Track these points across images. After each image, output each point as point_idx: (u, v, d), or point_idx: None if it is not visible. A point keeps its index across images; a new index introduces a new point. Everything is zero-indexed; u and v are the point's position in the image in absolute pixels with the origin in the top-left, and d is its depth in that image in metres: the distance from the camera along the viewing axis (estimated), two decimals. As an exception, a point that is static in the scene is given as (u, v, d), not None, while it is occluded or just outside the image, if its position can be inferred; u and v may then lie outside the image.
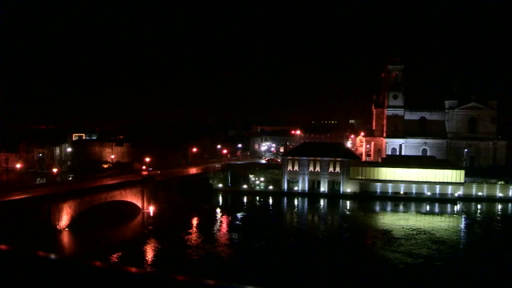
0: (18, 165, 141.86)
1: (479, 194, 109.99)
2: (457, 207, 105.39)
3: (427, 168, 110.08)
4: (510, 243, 76.55)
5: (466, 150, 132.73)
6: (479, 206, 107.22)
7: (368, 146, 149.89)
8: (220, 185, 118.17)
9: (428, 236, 77.10)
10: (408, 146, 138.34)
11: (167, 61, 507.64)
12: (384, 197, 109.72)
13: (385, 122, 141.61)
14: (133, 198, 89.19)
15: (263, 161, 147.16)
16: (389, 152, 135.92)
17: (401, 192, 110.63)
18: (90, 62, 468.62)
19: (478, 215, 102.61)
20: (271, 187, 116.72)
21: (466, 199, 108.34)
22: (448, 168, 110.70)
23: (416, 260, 63.82)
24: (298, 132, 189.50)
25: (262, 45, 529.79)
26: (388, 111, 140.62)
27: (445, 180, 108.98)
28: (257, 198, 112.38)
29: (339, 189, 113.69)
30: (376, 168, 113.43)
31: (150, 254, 64.92)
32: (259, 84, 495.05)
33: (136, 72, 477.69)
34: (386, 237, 76.34)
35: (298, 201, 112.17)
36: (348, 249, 69.79)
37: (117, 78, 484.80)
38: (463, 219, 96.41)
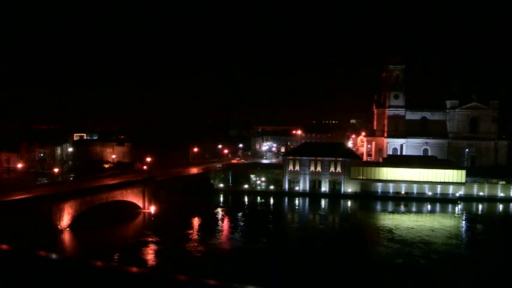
0: (19, 165, 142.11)
1: (481, 194, 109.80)
2: (458, 207, 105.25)
3: (428, 168, 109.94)
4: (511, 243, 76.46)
5: (467, 150, 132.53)
6: (480, 206, 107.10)
7: (369, 146, 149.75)
8: (221, 185, 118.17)
9: (429, 236, 76.93)
10: (409, 146, 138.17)
11: (168, 61, 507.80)
12: (385, 197, 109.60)
13: (386, 122, 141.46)
14: (135, 198, 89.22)
15: (264, 161, 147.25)
16: (390, 152, 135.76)
17: (403, 192, 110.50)
18: (91, 62, 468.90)
19: (479, 215, 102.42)
20: (272, 187, 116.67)
21: (467, 199, 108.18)
22: (449, 168, 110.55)
23: (417, 260, 63.78)
24: (299, 132, 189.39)
25: (264, 45, 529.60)
26: (389, 111, 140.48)
27: (446, 180, 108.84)
28: (258, 198, 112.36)
29: (340, 189, 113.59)
30: (377, 168, 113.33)
31: (150, 254, 64.94)
32: (261, 84, 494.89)
33: (138, 72, 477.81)
34: (387, 238, 76.24)
35: (299, 201, 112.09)
36: (349, 250, 69.67)
37: (118, 78, 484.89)
38: (464, 219, 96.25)
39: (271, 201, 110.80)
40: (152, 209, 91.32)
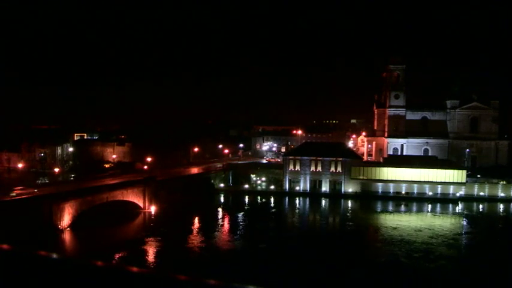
0: (20, 165, 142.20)
1: (481, 194, 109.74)
2: (459, 207, 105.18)
3: (429, 168, 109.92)
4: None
5: (467, 150, 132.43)
6: (481, 206, 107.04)
7: (369, 145, 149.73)
8: (222, 185, 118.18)
9: (429, 236, 76.89)
10: (410, 146, 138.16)
11: (168, 61, 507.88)
12: (386, 197, 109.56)
13: (386, 121, 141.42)
14: (135, 198, 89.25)
15: (264, 161, 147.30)
16: (390, 152, 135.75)
17: (403, 192, 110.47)
18: (91, 62, 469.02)
19: (480, 215, 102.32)
20: (272, 187, 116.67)
21: (467, 199, 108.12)
22: (450, 168, 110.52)
23: (416, 260, 63.77)
24: (299, 132, 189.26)
25: (264, 45, 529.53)
26: (389, 111, 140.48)
27: (447, 180, 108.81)
28: (258, 198, 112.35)
29: (341, 189, 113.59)
30: (377, 168, 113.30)
31: (151, 254, 64.97)
32: (261, 84, 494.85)
33: (138, 72, 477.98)
34: (387, 238, 76.22)
35: (299, 201, 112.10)
36: (349, 250, 69.64)
37: (118, 78, 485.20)
38: (464, 219, 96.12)
39: (272, 201, 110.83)
40: (153, 208, 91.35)
